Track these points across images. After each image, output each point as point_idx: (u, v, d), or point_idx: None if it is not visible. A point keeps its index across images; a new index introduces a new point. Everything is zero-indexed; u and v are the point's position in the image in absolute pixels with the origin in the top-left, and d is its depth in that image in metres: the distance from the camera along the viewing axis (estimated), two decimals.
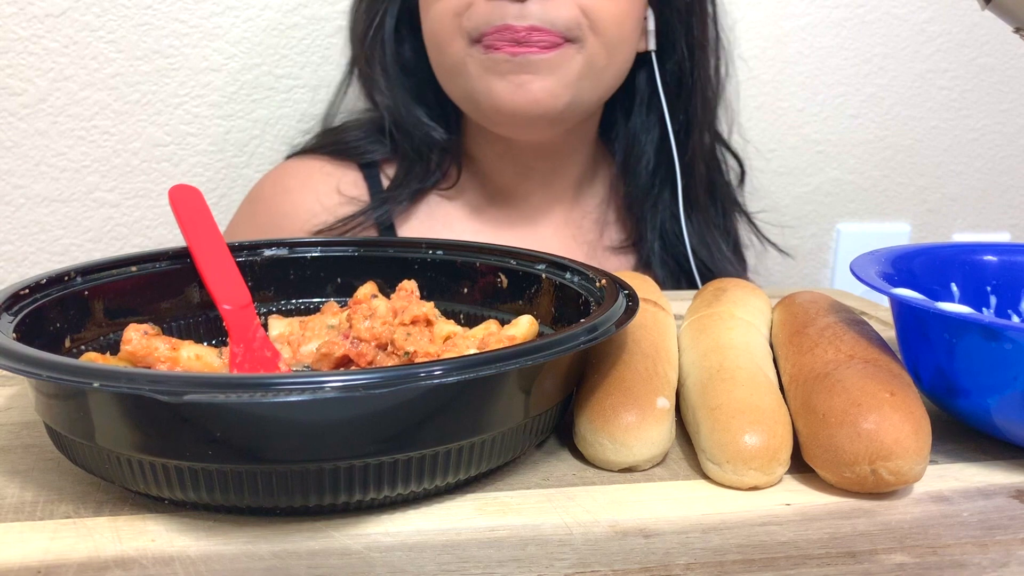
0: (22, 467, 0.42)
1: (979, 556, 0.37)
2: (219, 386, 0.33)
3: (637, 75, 0.87)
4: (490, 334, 0.49)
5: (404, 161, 0.87)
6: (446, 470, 0.39)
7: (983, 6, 0.52)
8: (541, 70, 0.75)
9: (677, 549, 0.36)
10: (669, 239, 0.89)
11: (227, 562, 0.35)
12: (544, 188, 0.89)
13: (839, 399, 0.42)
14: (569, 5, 0.74)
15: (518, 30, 0.72)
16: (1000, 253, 0.59)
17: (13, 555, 0.35)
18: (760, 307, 0.58)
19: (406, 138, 0.86)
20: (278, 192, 0.88)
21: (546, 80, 0.75)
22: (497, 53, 0.74)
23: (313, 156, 0.89)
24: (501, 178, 0.88)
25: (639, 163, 0.88)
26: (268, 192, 0.89)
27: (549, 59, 0.74)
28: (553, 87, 0.75)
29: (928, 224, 1.30)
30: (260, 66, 1.01)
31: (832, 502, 0.41)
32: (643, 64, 0.86)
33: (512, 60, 0.74)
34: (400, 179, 0.86)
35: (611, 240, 0.91)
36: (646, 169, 0.88)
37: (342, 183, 0.86)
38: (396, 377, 0.35)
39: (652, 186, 0.89)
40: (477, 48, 0.75)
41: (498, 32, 0.73)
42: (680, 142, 0.86)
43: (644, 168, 0.88)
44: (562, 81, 0.76)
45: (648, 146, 0.88)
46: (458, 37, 0.76)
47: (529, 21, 0.72)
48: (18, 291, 0.45)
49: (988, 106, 1.26)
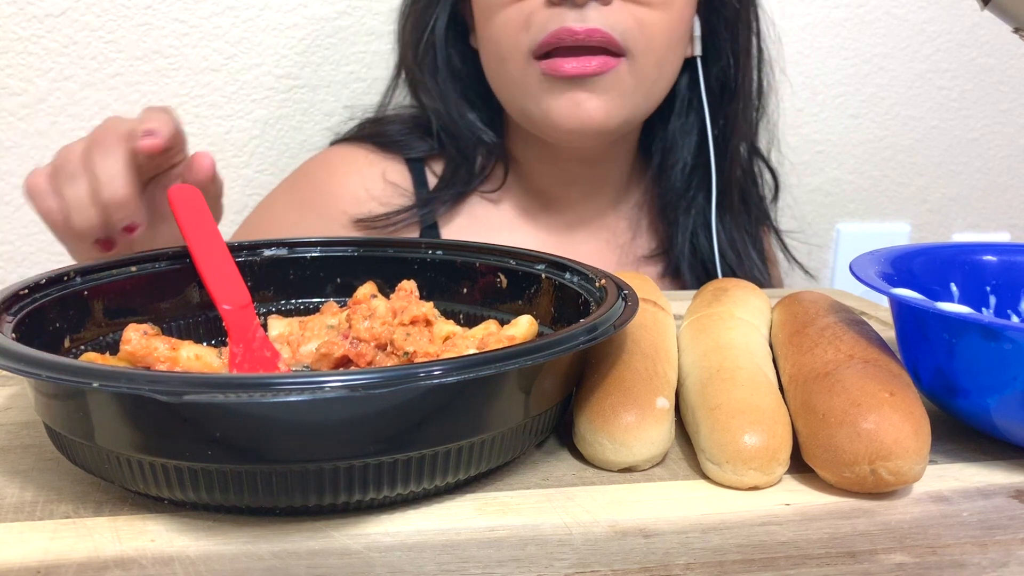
0: (22, 467, 0.42)
1: (979, 556, 0.37)
2: (219, 386, 0.33)
3: (680, 79, 0.87)
4: (489, 334, 0.49)
5: (451, 162, 0.88)
6: (446, 470, 0.39)
7: (983, 6, 0.52)
8: (597, 88, 0.75)
9: (677, 549, 0.36)
10: (700, 244, 0.89)
11: (227, 562, 0.35)
12: (586, 193, 0.89)
13: (839, 399, 0.42)
14: (625, 14, 0.74)
15: (577, 32, 0.73)
16: (1000, 253, 0.59)
17: (13, 555, 0.35)
18: (760, 307, 0.58)
19: (454, 140, 0.87)
20: (324, 172, 0.88)
21: (601, 99, 0.76)
22: (557, 74, 0.75)
23: (360, 144, 0.90)
24: (543, 182, 0.89)
25: (675, 166, 0.89)
26: (314, 171, 0.89)
27: (603, 78, 0.75)
28: (608, 106, 0.76)
29: (928, 224, 1.30)
30: (260, 66, 1.01)
31: (832, 502, 0.41)
32: (687, 68, 0.87)
33: (570, 80, 0.75)
34: (447, 179, 0.87)
35: (643, 244, 0.92)
36: (682, 172, 0.89)
37: (388, 173, 0.87)
38: (396, 377, 0.35)
39: (687, 189, 0.89)
40: (536, 66, 0.76)
41: (557, 37, 0.73)
42: (718, 147, 0.87)
43: (680, 171, 0.89)
44: (616, 99, 0.77)
45: (685, 149, 0.88)
46: (519, 51, 0.76)
47: (589, 24, 0.73)
48: (18, 291, 0.45)
49: (988, 106, 1.26)
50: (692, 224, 0.89)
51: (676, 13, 0.78)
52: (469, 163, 0.86)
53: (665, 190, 0.90)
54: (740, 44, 0.86)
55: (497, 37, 0.78)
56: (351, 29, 1.04)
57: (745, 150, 0.91)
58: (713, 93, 0.87)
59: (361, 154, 0.89)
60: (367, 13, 1.04)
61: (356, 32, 1.04)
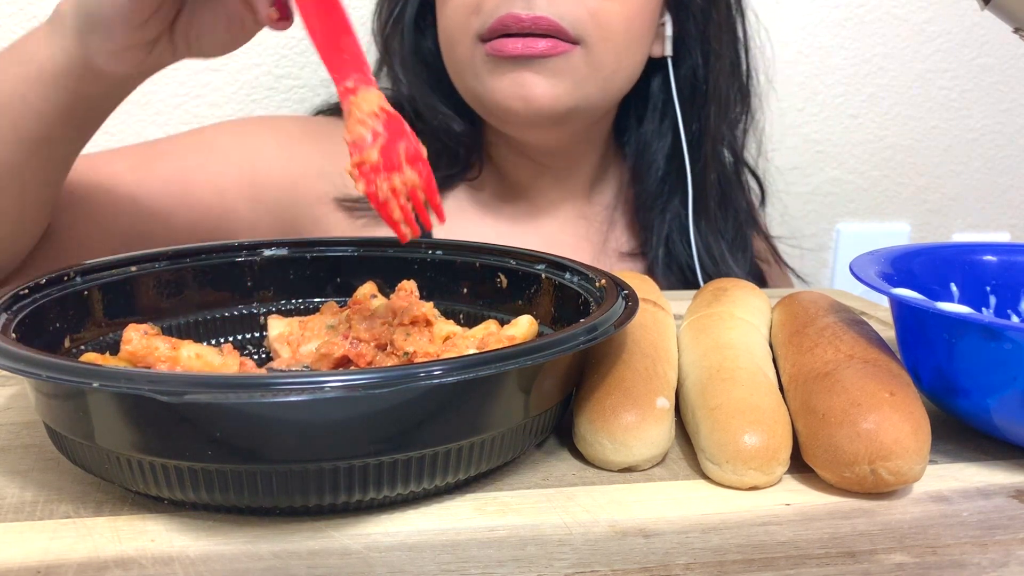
0: (22, 467, 0.42)
1: (979, 556, 0.37)
2: (219, 386, 0.33)
3: (652, 81, 0.87)
4: (489, 334, 0.49)
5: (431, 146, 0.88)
6: (446, 470, 0.39)
7: (983, 6, 0.52)
8: (543, 71, 0.75)
9: (677, 549, 0.36)
10: (675, 248, 0.89)
11: (227, 562, 0.35)
12: (558, 186, 0.89)
13: (839, 399, 0.42)
14: (576, 4, 0.74)
15: (523, 19, 0.73)
16: (1000, 253, 0.59)
17: (13, 555, 0.35)
18: (760, 307, 0.58)
19: (425, 126, 0.87)
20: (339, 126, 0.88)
21: (547, 81, 0.75)
22: (500, 54, 0.74)
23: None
24: (516, 174, 0.89)
25: (649, 169, 0.89)
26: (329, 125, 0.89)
27: (553, 61, 0.75)
28: (554, 89, 0.76)
29: (928, 224, 1.30)
30: (260, 66, 1.01)
31: (832, 502, 0.41)
32: (658, 70, 0.86)
33: (515, 60, 0.74)
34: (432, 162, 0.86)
35: (618, 244, 0.91)
36: (656, 176, 0.89)
37: None
38: (396, 377, 0.35)
39: (661, 193, 0.89)
40: (482, 48, 0.76)
41: (503, 22, 0.74)
42: (692, 151, 0.87)
43: (654, 174, 0.89)
44: (565, 84, 0.76)
45: (659, 153, 0.88)
46: (467, 35, 0.77)
47: (535, 11, 0.73)
48: (18, 291, 0.45)
49: (988, 106, 1.27)
50: (667, 228, 0.89)
51: (635, 5, 0.77)
52: (451, 149, 0.86)
53: (640, 192, 0.90)
54: (710, 45, 0.85)
55: (449, 22, 0.79)
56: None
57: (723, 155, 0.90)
58: (684, 95, 0.86)
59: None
60: (367, 13, 1.04)
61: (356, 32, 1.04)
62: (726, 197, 0.91)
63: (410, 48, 0.86)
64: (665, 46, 0.84)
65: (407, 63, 0.87)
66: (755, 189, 0.97)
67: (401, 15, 0.86)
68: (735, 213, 0.92)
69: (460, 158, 0.87)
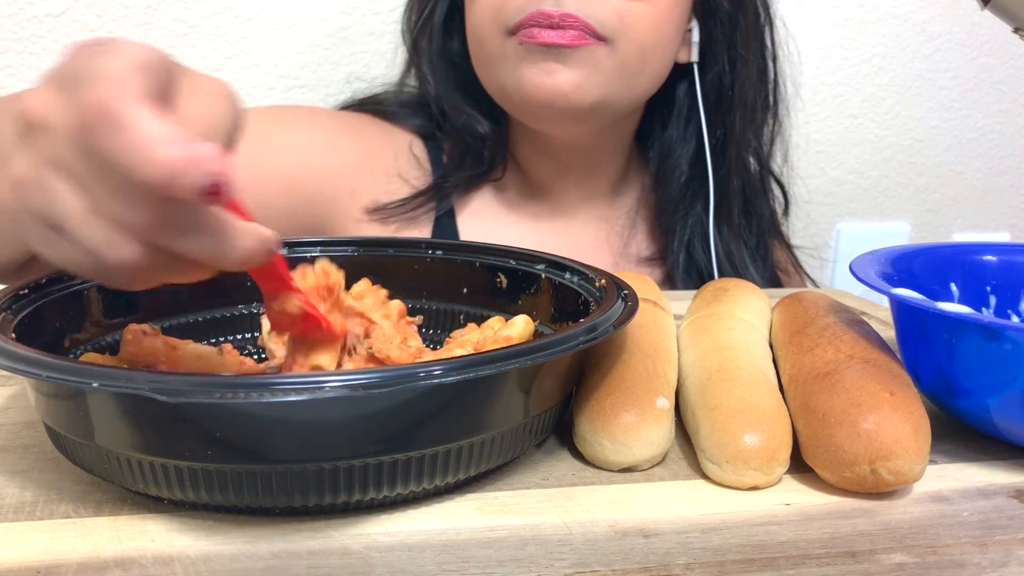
0: (22, 467, 0.42)
1: (979, 556, 0.37)
2: (219, 386, 0.33)
3: (678, 85, 0.87)
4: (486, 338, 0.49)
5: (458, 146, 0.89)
6: (446, 470, 0.39)
7: (983, 6, 0.52)
8: (570, 62, 0.76)
9: (677, 549, 0.36)
10: (696, 254, 0.89)
11: (227, 562, 0.35)
12: (580, 186, 0.90)
13: (839, 399, 0.42)
14: (604, 5, 0.75)
15: (552, 15, 0.74)
16: (1000, 253, 0.59)
17: (13, 555, 0.35)
18: (760, 307, 0.58)
19: (452, 127, 0.88)
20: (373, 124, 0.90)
21: (573, 72, 0.76)
22: (531, 42, 0.76)
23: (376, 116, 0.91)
24: (539, 173, 0.90)
25: (672, 174, 0.89)
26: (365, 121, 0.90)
27: (580, 53, 0.76)
28: (580, 80, 0.76)
29: (928, 224, 1.30)
30: (260, 66, 1.01)
31: (832, 502, 0.41)
32: (684, 75, 0.87)
33: (545, 50, 0.75)
34: (457, 162, 0.88)
35: (639, 248, 0.92)
36: (679, 181, 0.89)
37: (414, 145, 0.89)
38: (396, 377, 0.35)
39: (683, 198, 0.89)
40: (513, 40, 0.77)
41: (533, 18, 0.75)
42: (716, 157, 0.87)
43: (677, 179, 0.89)
44: (591, 77, 0.77)
45: (682, 158, 0.89)
46: (496, 30, 0.78)
47: (564, 8, 0.74)
48: (18, 291, 0.45)
49: (988, 106, 1.27)
50: (689, 233, 0.89)
51: (663, 8, 0.78)
52: (475, 149, 0.88)
53: (662, 197, 0.90)
54: (737, 52, 0.86)
55: (478, 18, 0.80)
56: (351, 29, 1.04)
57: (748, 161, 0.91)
58: (709, 101, 0.87)
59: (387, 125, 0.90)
60: (367, 13, 1.04)
61: (356, 32, 1.04)
62: (749, 204, 0.91)
63: (438, 48, 0.88)
64: (692, 52, 0.85)
65: (435, 63, 0.88)
66: (779, 198, 0.97)
67: (431, 16, 0.88)
68: (758, 220, 0.92)
69: (484, 159, 0.88)
